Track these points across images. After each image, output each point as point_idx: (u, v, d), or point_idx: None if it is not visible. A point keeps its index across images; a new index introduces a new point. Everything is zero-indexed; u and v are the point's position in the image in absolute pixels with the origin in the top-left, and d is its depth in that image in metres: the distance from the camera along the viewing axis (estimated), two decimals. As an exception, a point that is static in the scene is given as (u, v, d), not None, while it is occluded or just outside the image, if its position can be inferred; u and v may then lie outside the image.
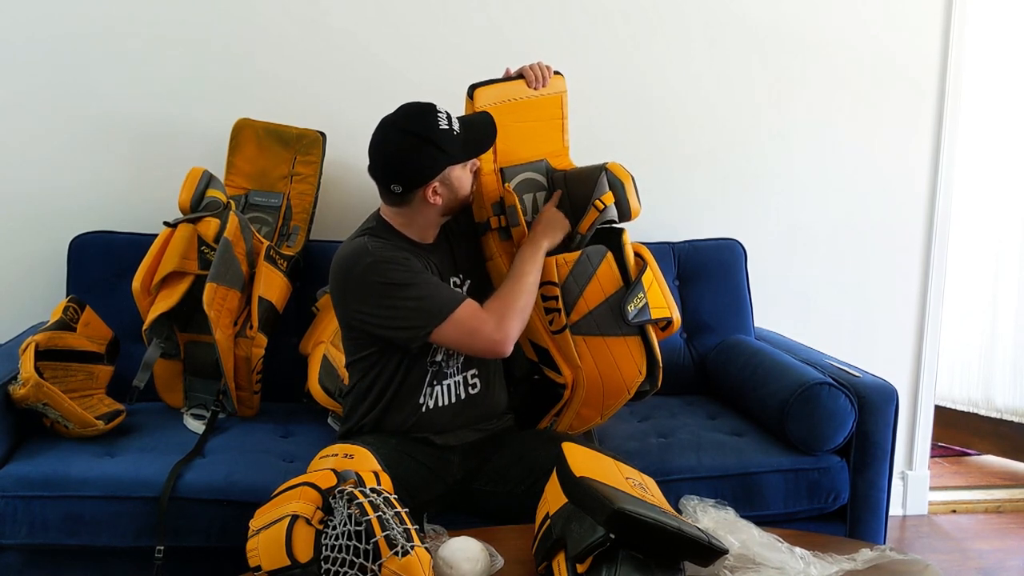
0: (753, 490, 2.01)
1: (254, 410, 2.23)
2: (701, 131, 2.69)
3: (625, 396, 1.91)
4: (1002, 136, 3.15)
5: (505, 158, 1.93)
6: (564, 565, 1.40)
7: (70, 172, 2.45)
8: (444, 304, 1.75)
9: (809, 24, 2.69)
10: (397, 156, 1.78)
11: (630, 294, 1.85)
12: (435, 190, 1.79)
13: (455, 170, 1.80)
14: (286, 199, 2.38)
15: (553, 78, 1.96)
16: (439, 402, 1.87)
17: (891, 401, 2.08)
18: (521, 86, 1.93)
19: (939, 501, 2.91)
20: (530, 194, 1.96)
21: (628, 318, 1.85)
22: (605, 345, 1.88)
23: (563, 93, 1.98)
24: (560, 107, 1.98)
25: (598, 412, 1.94)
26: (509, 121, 1.90)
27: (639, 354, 1.89)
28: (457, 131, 1.78)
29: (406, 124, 1.78)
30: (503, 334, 1.76)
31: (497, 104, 1.89)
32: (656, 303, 1.89)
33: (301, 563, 1.36)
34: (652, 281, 1.91)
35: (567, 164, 2.00)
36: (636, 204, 1.87)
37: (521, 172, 1.95)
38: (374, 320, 1.78)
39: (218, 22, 2.46)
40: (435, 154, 1.76)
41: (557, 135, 2.00)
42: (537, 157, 1.97)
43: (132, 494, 1.81)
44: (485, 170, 1.91)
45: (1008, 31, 3.09)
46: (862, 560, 1.53)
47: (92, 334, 2.10)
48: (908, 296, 2.83)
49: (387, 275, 1.75)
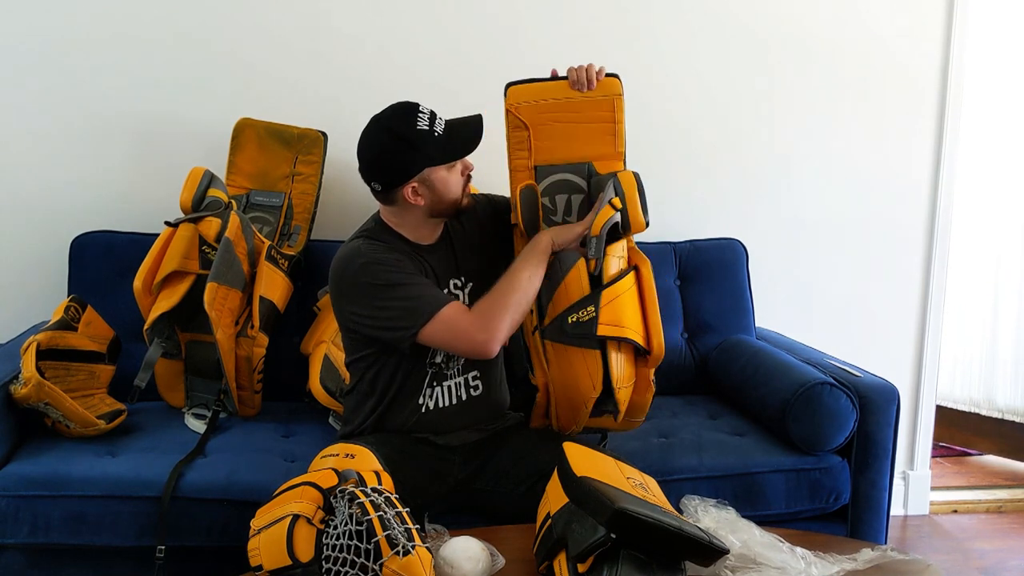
0: (754, 490, 2.01)
1: (255, 410, 2.23)
2: (703, 130, 2.69)
3: (584, 410, 1.82)
4: (1004, 136, 3.15)
5: (541, 156, 1.88)
6: (565, 565, 1.40)
7: (72, 171, 2.45)
8: (429, 305, 1.73)
9: (810, 24, 2.68)
10: (375, 155, 1.78)
11: (577, 305, 1.76)
12: (415, 190, 1.79)
13: (436, 172, 1.78)
14: (287, 199, 2.38)
15: (606, 81, 1.87)
16: (439, 403, 1.87)
17: (892, 401, 2.08)
18: (563, 87, 1.87)
19: (940, 501, 2.91)
20: (564, 195, 1.89)
21: (566, 329, 1.77)
22: (566, 354, 1.79)
23: (616, 96, 1.88)
24: (612, 110, 1.88)
25: (572, 421, 1.88)
26: (547, 120, 1.86)
27: (595, 369, 1.77)
28: (439, 133, 1.76)
29: (387, 123, 1.79)
30: (487, 335, 1.73)
31: (530, 103, 1.86)
32: (613, 320, 1.75)
33: (302, 563, 1.36)
34: (622, 298, 1.77)
35: (617, 170, 1.88)
36: (639, 217, 1.76)
37: (557, 172, 1.89)
38: (365, 321, 1.79)
39: (219, 22, 2.46)
40: (411, 154, 1.76)
41: (607, 139, 1.89)
42: (579, 159, 1.89)
43: (133, 494, 1.81)
44: (520, 167, 1.89)
45: (1010, 31, 3.09)
46: (863, 560, 1.53)
47: (93, 334, 2.10)
48: (909, 296, 2.82)
49: (376, 276, 1.75)
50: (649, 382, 1.85)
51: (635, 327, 1.79)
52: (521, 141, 1.89)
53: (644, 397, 1.87)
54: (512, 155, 1.90)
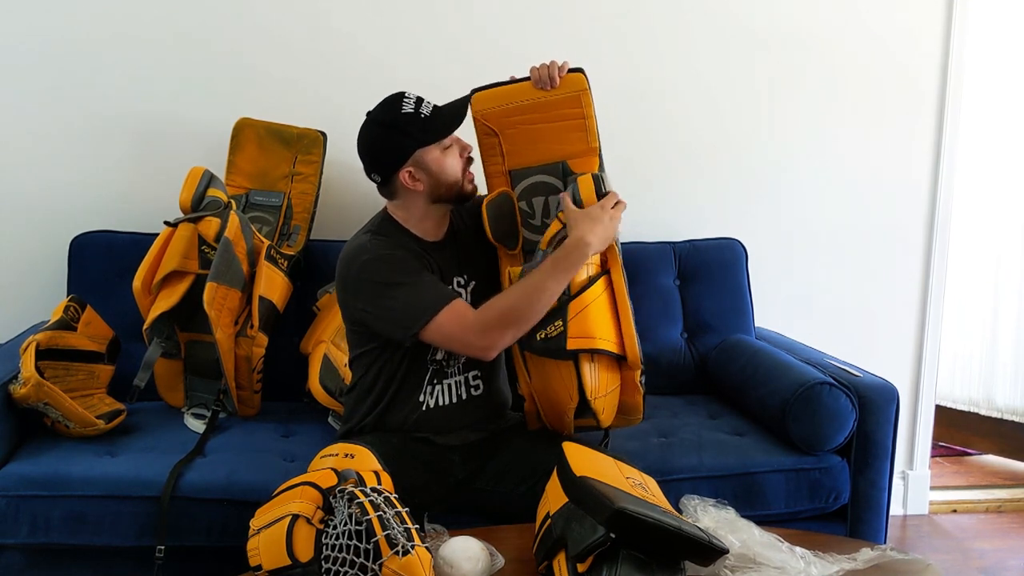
0: (754, 490, 2.01)
1: (255, 409, 2.23)
2: (702, 130, 2.69)
3: (567, 418, 1.81)
4: (1003, 135, 3.15)
5: (514, 160, 1.86)
6: (565, 565, 1.40)
7: (71, 171, 2.45)
8: (431, 304, 1.73)
9: (810, 24, 2.68)
10: (369, 146, 1.81)
11: (544, 321, 1.72)
12: (412, 175, 1.80)
13: (428, 152, 1.79)
14: (287, 198, 2.38)
15: (569, 77, 1.82)
16: (439, 401, 1.87)
17: (892, 401, 2.08)
18: (527, 88, 1.83)
19: (940, 501, 2.91)
20: (540, 198, 1.86)
21: (534, 345, 1.74)
22: (543, 365, 1.78)
23: (582, 92, 1.82)
24: (580, 106, 1.82)
25: (561, 426, 1.87)
26: (516, 123, 1.84)
27: (570, 380, 1.75)
28: (425, 114, 1.78)
29: (376, 114, 1.81)
30: (486, 341, 1.73)
31: (496, 108, 1.83)
32: (583, 332, 1.71)
33: (302, 562, 1.36)
34: (590, 308, 1.73)
35: (592, 166, 1.85)
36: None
37: (532, 175, 1.86)
38: (370, 316, 1.80)
39: (219, 22, 2.46)
40: (400, 139, 1.78)
41: (579, 135, 1.84)
42: (552, 159, 1.85)
43: (133, 493, 1.81)
44: (494, 172, 1.88)
45: (1010, 31, 3.09)
46: (863, 560, 1.53)
47: (93, 333, 2.10)
48: (909, 295, 2.83)
49: (380, 273, 1.76)
50: (636, 384, 1.84)
51: (607, 335, 1.76)
52: (492, 147, 1.87)
53: (634, 398, 1.87)
54: (486, 162, 1.89)
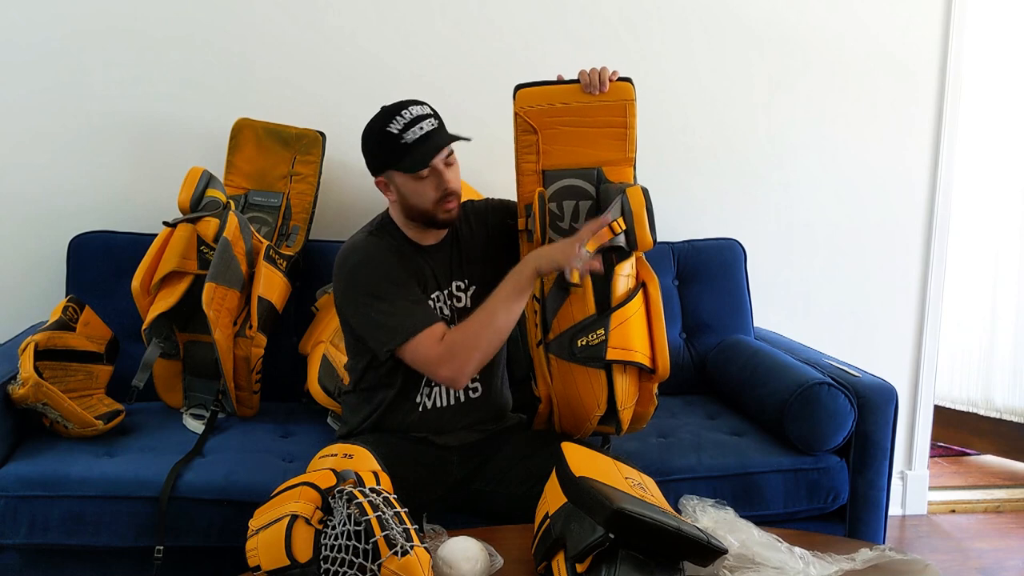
0: (752, 490, 2.01)
1: (254, 410, 2.23)
2: (700, 130, 2.69)
3: (588, 425, 1.82)
4: (1002, 134, 3.15)
5: (549, 160, 1.85)
6: (564, 565, 1.40)
7: (70, 172, 2.45)
8: (405, 329, 1.72)
9: (807, 23, 2.68)
10: (363, 142, 1.81)
11: (586, 328, 1.73)
12: (385, 185, 1.81)
13: (396, 176, 1.77)
14: (285, 199, 2.38)
15: (617, 85, 1.82)
16: (437, 403, 1.87)
17: (891, 401, 2.08)
18: (574, 90, 1.82)
19: (938, 501, 2.91)
20: (572, 201, 1.85)
21: (575, 352, 1.74)
22: (571, 371, 1.78)
23: (629, 102, 1.82)
24: (624, 115, 1.83)
25: (577, 431, 1.88)
26: (557, 123, 1.83)
27: (600, 388, 1.76)
28: (408, 140, 1.72)
29: (376, 115, 1.80)
30: (453, 372, 1.72)
31: (539, 106, 1.83)
32: (623, 344, 1.73)
33: (300, 563, 1.36)
34: (631, 320, 1.74)
35: (627, 176, 1.85)
36: (647, 237, 1.71)
37: (565, 178, 1.85)
38: (352, 321, 1.82)
39: (218, 22, 2.46)
40: (377, 152, 1.78)
41: (618, 144, 1.84)
42: (588, 164, 1.84)
43: (132, 494, 1.81)
44: (527, 170, 1.86)
45: (1008, 29, 3.09)
46: (861, 560, 1.53)
47: (91, 334, 2.10)
48: (908, 295, 2.83)
49: (363, 282, 1.77)
50: (652, 396, 1.85)
51: (643, 349, 1.77)
52: (529, 145, 1.85)
53: (647, 409, 1.87)
54: (520, 159, 1.87)
